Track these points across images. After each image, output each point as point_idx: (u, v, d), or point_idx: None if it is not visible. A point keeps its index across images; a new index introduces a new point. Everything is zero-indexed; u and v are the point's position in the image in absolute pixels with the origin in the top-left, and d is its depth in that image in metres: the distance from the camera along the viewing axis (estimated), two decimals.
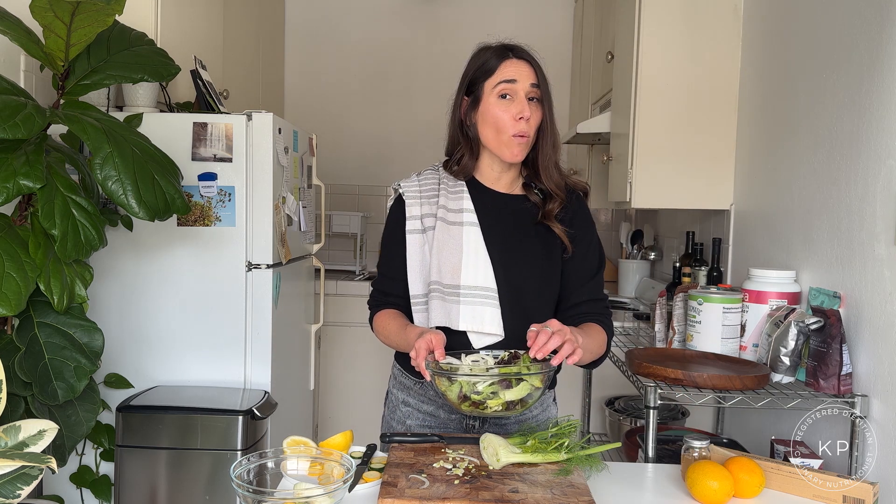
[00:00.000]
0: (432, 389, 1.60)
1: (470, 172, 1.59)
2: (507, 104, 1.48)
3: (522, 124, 1.48)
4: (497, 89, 1.49)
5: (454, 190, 1.57)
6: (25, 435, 1.20)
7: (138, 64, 1.92)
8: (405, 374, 1.65)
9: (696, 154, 2.45)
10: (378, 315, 1.63)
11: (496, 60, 1.50)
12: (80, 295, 1.78)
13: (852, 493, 1.30)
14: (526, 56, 1.52)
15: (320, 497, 1.15)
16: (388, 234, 1.63)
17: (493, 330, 1.50)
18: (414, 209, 1.57)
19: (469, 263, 1.50)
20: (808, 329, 1.70)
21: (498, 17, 4.17)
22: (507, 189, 1.60)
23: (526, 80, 1.49)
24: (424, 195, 1.58)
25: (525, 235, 1.56)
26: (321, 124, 4.08)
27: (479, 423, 1.59)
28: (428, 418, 1.62)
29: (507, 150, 1.50)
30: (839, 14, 1.81)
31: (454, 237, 1.52)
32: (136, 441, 2.12)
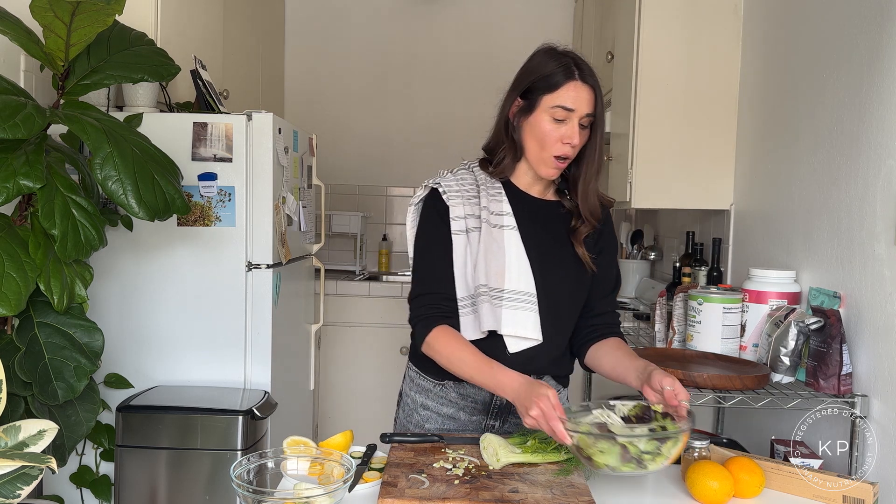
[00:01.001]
0: (454, 391, 1.60)
1: (508, 174, 1.57)
2: (557, 126, 1.47)
3: (567, 148, 1.47)
4: (553, 111, 1.46)
5: (494, 192, 1.54)
6: (25, 435, 1.20)
7: (138, 64, 1.92)
8: (424, 376, 1.63)
9: (696, 154, 2.45)
10: (440, 331, 1.50)
11: (562, 77, 1.45)
12: (80, 295, 1.78)
13: (852, 493, 1.30)
14: (591, 81, 1.48)
15: (320, 497, 1.15)
16: (430, 235, 1.55)
17: (535, 335, 1.49)
18: (458, 209, 1.52)
19: (512, 267, 1.49)
20: (808, 329, 1.70)
21: (498, 18, 4.17)
22: (540, 194, 1.59)
23: (583, 109, 1.46)
24: (465, 195, 1.54)
25: (558, 241, 1.56)
26: (321, 124, 4.08)
27: (500, 424, 1.61)
28: (448, 421, 1.61)
29: (545, 167, 1.50)
30: (839, 14, 1.81)
31: (497, 240, 1.50)
32: (136, 441, 2.12)
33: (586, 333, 1.61)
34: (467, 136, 4.47)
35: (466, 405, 1.61)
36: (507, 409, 1.60)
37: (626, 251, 3.69)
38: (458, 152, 4.65)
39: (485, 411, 1.61)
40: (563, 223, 1.57)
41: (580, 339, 1.62)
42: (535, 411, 1.27)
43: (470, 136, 1.73)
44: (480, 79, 4.13)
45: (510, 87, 1.54)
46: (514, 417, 1.59)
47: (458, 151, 4.28)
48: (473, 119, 4.34)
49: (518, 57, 1.76)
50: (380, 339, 3.57)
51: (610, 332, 1.61)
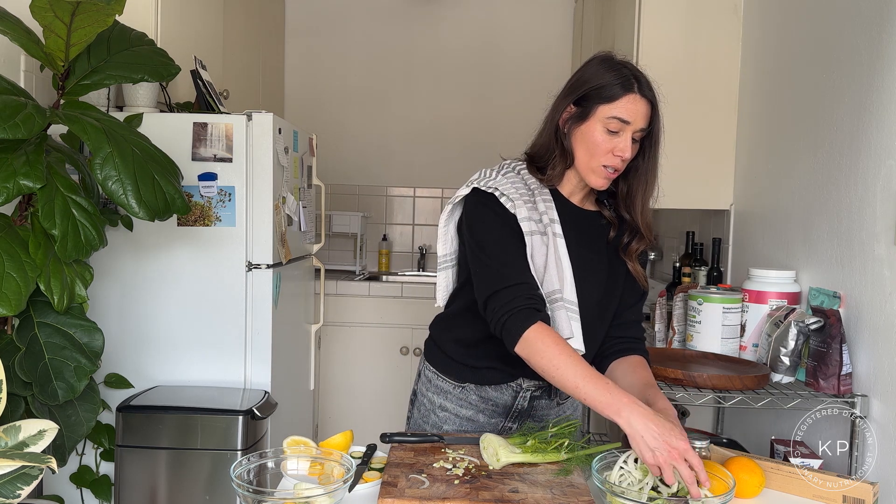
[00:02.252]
0: (475, 394, 1.58)
1: (557, 184, 1.53)
2: (611, 137, 1.43)
3: (618, 161, 1.44)
4: (608, 122, 1.42)
5: (546, 199, 1.50)
6: (25, 435, 1.20)
7: (138, 64, 1.92)
8: (443, 377, 1.61)
9: (696, 154, 2.45)
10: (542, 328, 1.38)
11: (620, 90, 1.42)
12: (80, 295, 1.78)
13: (852, 493, 1.30)
14: (649, 95, 1.45)
15: (320, 497, 1.15)
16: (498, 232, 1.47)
17: (579, 347, 1.44)
18: (522, 212, 1.46)
19: (566, 276, 1.45)
20: (808, 329, 1.70)
21: (498, 18, 4.17)
22: (580, 203, 1.56)
23: (640, 123, 1.44)
24: (523, 197, 1.48)
25: (596, 252, 1.54)
26: (321, 124, 4.08)
27: (517, 427, 1.59)
28: (466, 423, 1.60)
29: (594, 176, 1.46)
30: (839, 14, 1.81)
31: (548, 246, 1.46)
32: (136, 441, 2.12)
33: (609, 345, 1.58)
34: (468, 135, 4.48)
35: (487, 408, 1.60)
36: (526, 412, 1.60)
37: None
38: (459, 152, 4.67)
39: (504, 414, 1.60)
40: (602, 234, 1.55)
41: (603, 352, 1.58)
42: (672, 460, 1.19)
43: (470, 136, 1.73)
44: (480, 79, 4.13)
45: (562, 94, 1.50)
46: (532, 421, 1.59)
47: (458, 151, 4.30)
48: (474, 119, 4.36)
49: (518, 57, 1.76)
50: (380, 339, 3.57)
51: (633, 349, 1.57)
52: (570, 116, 1.47)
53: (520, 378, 1.56)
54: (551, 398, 1.61)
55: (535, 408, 1.60)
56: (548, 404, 1.61)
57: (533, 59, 4.16)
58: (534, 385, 1.58)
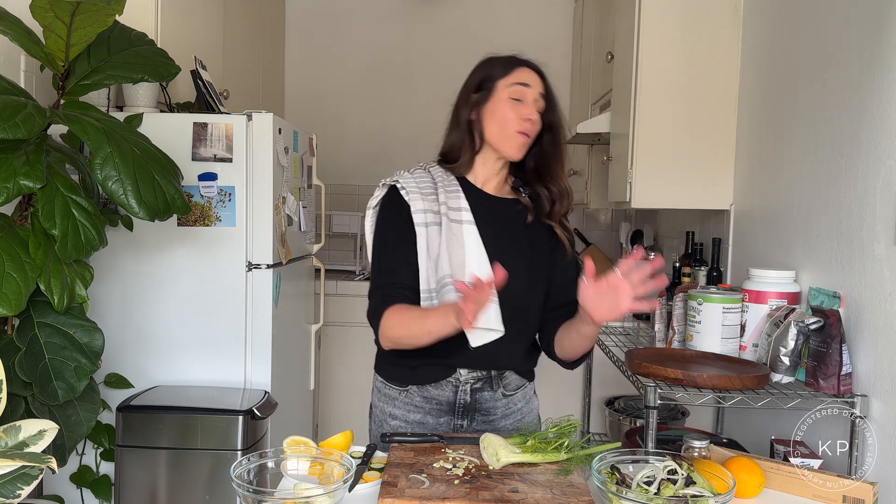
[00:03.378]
0: (418, 395, 1.62)
1: (465, 172, 1.61)
2: (517, 105, 1.54)
3: (528, 125, 1.54)
4: (510, 90, 1.55)
5: (451, 189, 1.58)
6: (25, 435, 1.20)
7: (138, 64, 1.92)
8: (388, 384, 1.66)
9: (696, 154, 2.45)
10: (392, 310, 1.51)
11: (510, 65, 1.58)
12: (80, 295, 1.78)
13: (852, 493, 1.30)
14: (538, 70, 1.60)
15: (320, 497, 1.15)
16: (389, 230, 1.59)
17: (497, 326, 1.51)
18: (418, 203, 1.56)
19: (472, 261, 1.52)
20: (807, 329, 1.70)
21: (498, 18, 4.17)
22: (495, 192, 1.63)
23: (537, 87, 1.57)
24: (423, 191, 1.58)
25: (515, 236, 1.60)
26: (321, 124, 4.08)
27: (468, 423, 1.62)
28: (417, 427, 1.63)
29: (510, 143, 1.55)
30: (839, 14, 1.81)
31: (457, 235, 1.54)
32: (136, 441, 2.12)
33: (552, 325, 1.60)
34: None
35: (432, 408, 1.62)
36: (472, 406, 1.61)
37: (626, 251, 3.69)
38: None
39: (450, 411, 1.62)
40: (519, 218, 1.61)
41: (548, 332, 1.61)
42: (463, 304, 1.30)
43: None
44: None
45: (460, 94, 1.63)
46: (481, 416, 1.62)
47: None
48: None
49: None
50: None
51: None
52: (475, 102, 1.59)
53: (457, 370, 1.58)
54: (494, 389, 1.62)
55: (479, 401, 1.61)
56: (492, 396, 1.62)
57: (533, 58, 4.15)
58: (472, 377, 1.59)
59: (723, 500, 1.17)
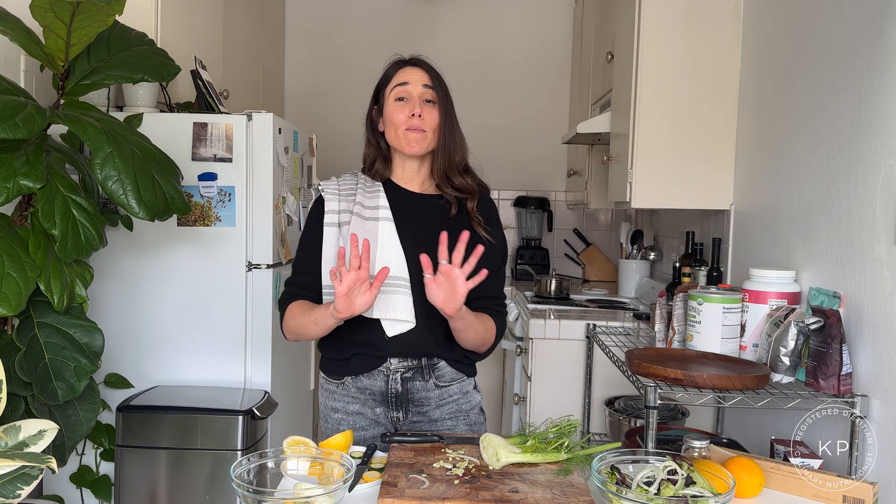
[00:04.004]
0: (353, 386, 1.67)
1: (385, 175, 1.72)
2: (402, 105, 1.64)
3: (415, 120, 1.62)
4: (394, 93, 1.65)
5: (371, 189, 1.68)
6: (25, 435, 1.20)
7: (138, 64, 1.92)
8: (328, 378, 1.72)
9: (696, 154, 2.45)
10: (290, 306, 1.65)
11: (393, 69, 1.68)
12: (80, 295, 1.78)
13: (852, 493, 1.30)
14: (420, 63, 1.67)
15: (320, 497, 1.15)
16: (306, 232, 1.70)
17: (405, 317, 1.58)
18: (332, 204, 1.67)
19: (383, 255, 1.59)
20: (807, 329, 1.70)
21: (498, 18, 4.17)
22: (420, 189, 1.71)
23: (418, 83, 1.64)
24: (343, 193, 1.69)
25: (436, 230, 1.61)
26: (321, 124, 4.08)
27: (403, 415, 1.66)
28: (357, 418, 1.67)
29: (405, 142, 1.63)
30: (839, 14, 1.81)
31: (369, 231, 1.61)
32: (136, 441, 2.12)
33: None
34: (467, 135, 4.47)
35: (367, 399, 1.66)
36: (403, 397, 1.65)
37: (626, 251, 3.69)
38: None
39: (384, 402, 1.65)
40: (442, 213, 1.67)
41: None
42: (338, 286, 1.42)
43: (469, 136, 1.75)
44: (480, 79, 4.13)
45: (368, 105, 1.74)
46: (415, 406, 1.66)
47: None
48: (473, 119, 4.35)
49: (518, 57, 1.79)
50: None
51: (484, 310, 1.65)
52: (375, 114, 1.72)
53: (387, 360, 1.63)
54: (426, 379, 1.65)
55: (410, 391, 1.64)
56: (424, 386, 1.65)
57: (533, 59, 4.16)
58: (402, 367, 1.63)
59: (723, 501, 1.17)
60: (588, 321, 2.64)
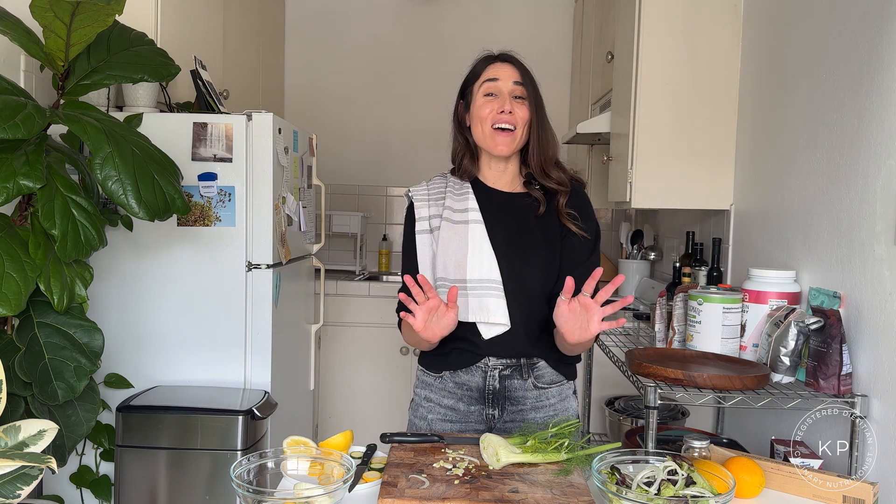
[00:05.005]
0: (451, 381, 1.66)
1: (473, 174, 1.69)
2: (490, 101, 1.59)
3: (504, 116, 1.58)
4: (482, 88, 1.60)
5: (460, 192, 1.66)
6: (25, 435, 1.20)
7: (138, 64, 1.92)
8: (426, 371, 1.71)
9: (696, 154, 2.45)
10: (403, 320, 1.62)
11: (482, 64, 1.63)
12: (80, 295, 1.78)
13: (852, 493, 1.30)
14: (510, 59, 1.63)
15: (320, 497, 1.15)
16: (405, 242, 1.69)
17: (500, 320, 1.57)
18: (423, 211, 1.66)
19: (474, 257, 1.57)
20: (808, 329, 1.70)
21: (498, 18, 4.17)
22: (508, 188, 1.68)
23: (509, 79, 1.60)
24: (433, 198, 1.67)
25: (527, 230, 1.63)
26: (321, 124, 4.08)
27: (499, 413, 1.64)
28: (449, 412, 1.66)
29: (492, 141, 1.60)
30: (839, 14, 1.81)
31: (459, 234, 1.59)
32: (136, 441, 2.12)
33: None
34: None
35: (464, 394, 1.65)
36: (501, 394, 1.63)
37: (626, 251, 3.69)
38: None
39: (481, 399, 1.64)
40: (531, 210, 1.64)
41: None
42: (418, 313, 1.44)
43: None
44: None
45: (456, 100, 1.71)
46: (511, 405, 1.64)
47: None
48: None
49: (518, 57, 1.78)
50: (380, 339, 3.57)
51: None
52: (462, 110, 1.68)
53: (486, 357, 1.62)
54: (524, 378, 1.63)
55: (508, 389, 1.63)
56: (522, 385, 1.63)
57: (533, 59, 4.14)
58: (501, 364, 1.62)
59: (723, 501, 1.17)
60: None
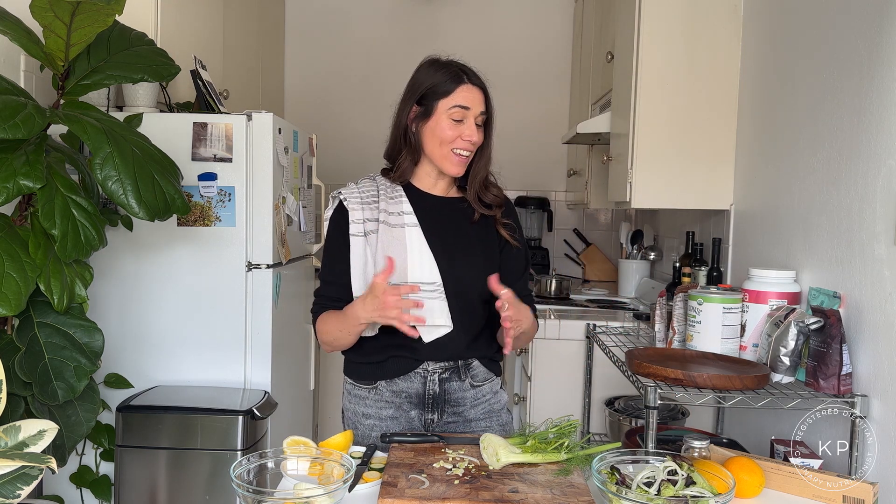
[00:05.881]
0: (387, 390, 1.65)
1: (407, 178, 1.68)
2: (457, 126, 1.59)
3: (468, 144, 1.60)
4: (451, 112, 1.58)
5: (393, 195, 1.65)
6: (25, 435, 1.20)
7: (138, 64, 1.92)
8: (357, 385, 1.69)
9: (696, 154, 2.45)
10: (320, 317, 1.65)
11: (452, 84, 1.59)
12: (80, 295, 1.78)
13: (852, 493, 1.30)
14: (479, 83, 1.62)
15: (320, 497, 1.15)
16: (330, 242, 1.68)
17: (443, 322, 1.58)
18: (356, 214, 1.63)
19: (414, 261, 1.58)
20: (808, 329, 1.70)
21: (498, 18, 4.17)
22: (443, 193, 1.70)
23: (477, 108, 1.60)
24: (365, 201, 1.65)
25: (463, 233, 1.65)
26: (321, 124, 4.08)
27: (438, 416, 1.65)
28: (391, 423, 1.65)
29: (449, 163, 1.61)
30: (839, 14, 1.81)
31: (397, 238, 1.59)
32: (136, 441, 2.12)
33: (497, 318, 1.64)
34: None
35: (402, 402, 1.64)
36: (440, 398, 1.64)
37: (626, 251, 3.69)
38: None
39: (420, 404, 1.64)
40: (467, 216, 1.67)
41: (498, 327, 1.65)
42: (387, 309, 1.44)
43: None
44: None
45: (403, 97, 1.65)
46: (451, 407, 1.65)
47: None
48: None
49: (518, 57, 1.79)
50: None
51: None
52: (416, 116, 1.62)
53: (424, 362, 1.62)
54: (462, 380, 1.65)
55: (448, 391, 1.64)
56: (461, 386, 1.65)
57: (533, 58, 4.16)
58: (440, 367, 1.63)
59: (723, 501, 1.17)
60: (588, 321, 2.64)
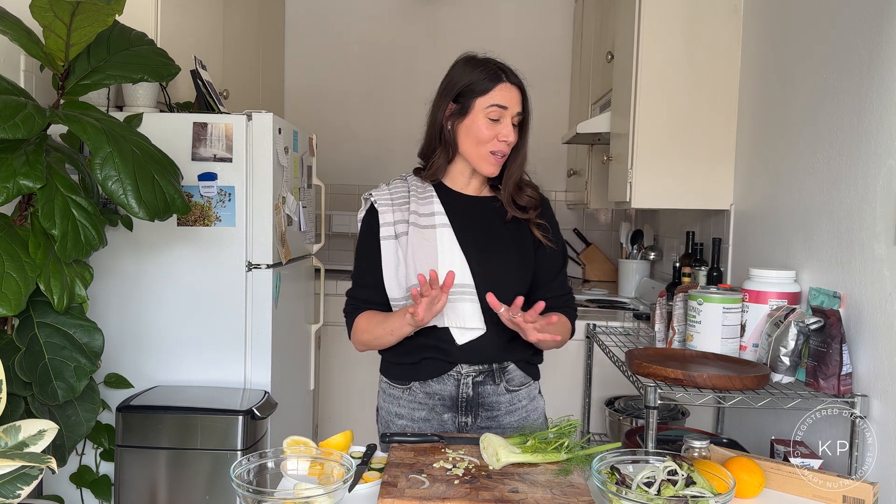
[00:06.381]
0: (421, 392, 1.64)
1: (440, 176, 1.66)
2: (494, 125, 1.57)
3: (504, 145, 1.58)
4: (489, 111, 1.56)
5: (424, 196, 1.63)
6: (25, 435, 1.20)
7: (138, 64, 1.92)
8: (392, 384, 1.68)
9: (696, 154, 2.45)
10: (357, 318, 1.65)
11: (490, 82, 1.56)
12: (80, 295, 1.78)
13: (852, 493, 1.30)
14: (517, 82, 1.60)
15: (320, 497, 1.15)
16: (362, 244, 1.66)
17: (475, 324, 1.57)
18: (387, 216, 1.62)
19: (445, 263, 1.56)
20: (808, 329, 1.70)
21: (498, 18, 4.17)
22: (476, 192, 1.68)
23: (515, 108, 1.58)
24: (396, 203, 1.64)
25: (496, 233, 1.63)
26: (321, 124, 4.08)
27: (472, 419, 1.63)
28: (423, 425, 1.64)
29: (485, 163, 1.59)
30: (839, 14, 1.81)
31: (428, 239, 1.58)
32: (136, 441, 2.11)
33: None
34: None
35: (435, 404, 1.64)
36: (474, 401, 1.63)
37: (626, 251, 3.69)
38: None
39: (454, 407, 1.63)
40: (500, 215, 1.65)
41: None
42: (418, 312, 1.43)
43: None
44: None
45: (439, 95, 1.64)
46: (484, 411, 1.64)
47: None
48: None
49: (518, 57, 1.79)
50: None
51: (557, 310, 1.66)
52: (452, 113, 1.60)
53: (458, 364, 1.61)
54: (497, 383, 1.64)
55: (482, 395, 1.63)
56: (495, 390, 1.64)
57: (533, 58, 4.16)
58: (474, 371, 1.62)
59: (723, 501, 1.17)
60: (588, 321, 2.64)
